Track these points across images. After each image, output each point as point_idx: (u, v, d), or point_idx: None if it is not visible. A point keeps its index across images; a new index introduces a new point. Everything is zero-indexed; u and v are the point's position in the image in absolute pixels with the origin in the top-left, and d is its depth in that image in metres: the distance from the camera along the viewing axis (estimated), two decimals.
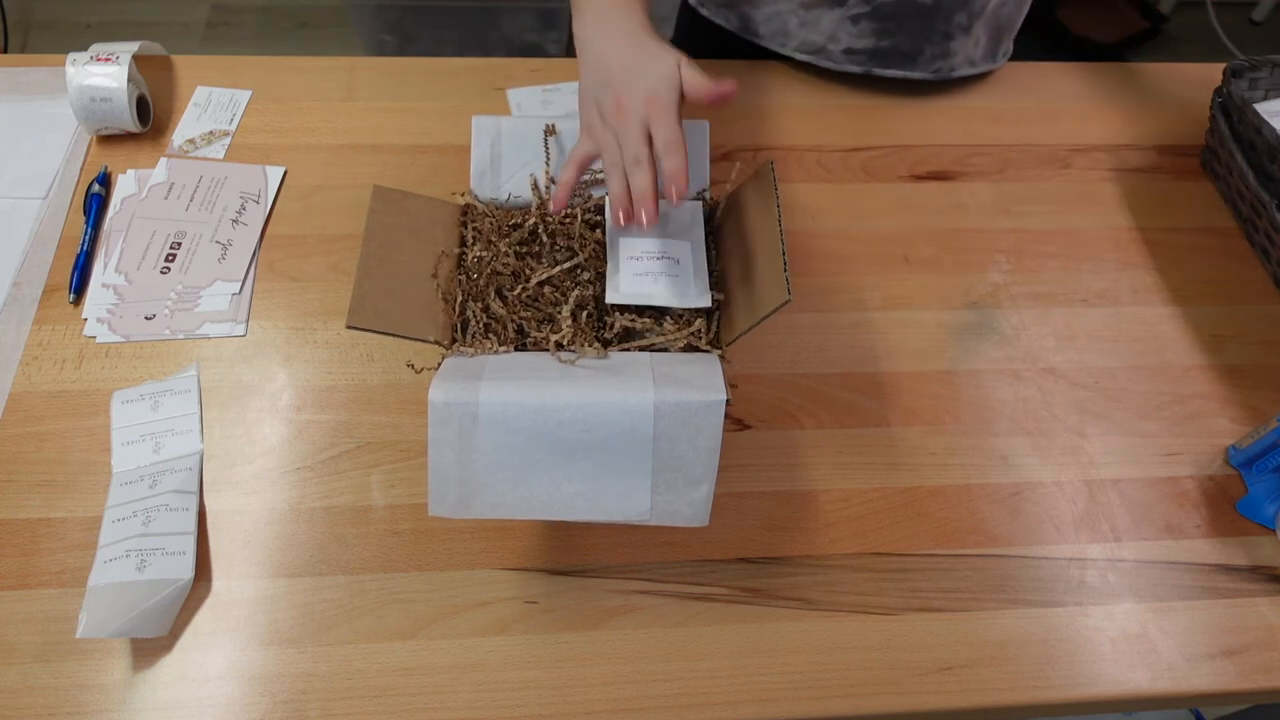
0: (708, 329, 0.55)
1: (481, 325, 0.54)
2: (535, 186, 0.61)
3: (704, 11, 0.87)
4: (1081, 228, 0.75)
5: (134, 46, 0.74)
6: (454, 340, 0.54)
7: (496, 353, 0.52)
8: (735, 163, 0.76)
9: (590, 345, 0.53)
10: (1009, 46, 0.86)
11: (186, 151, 0.73)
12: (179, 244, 0.67)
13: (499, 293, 0.56)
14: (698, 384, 0.47)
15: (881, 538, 0.57)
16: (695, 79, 0.55)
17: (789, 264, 0.49)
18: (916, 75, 0.82)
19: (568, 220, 0.59)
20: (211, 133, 0.75)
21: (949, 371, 0.65)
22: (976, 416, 0.63)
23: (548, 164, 0.62)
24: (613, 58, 0.56)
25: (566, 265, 0.57)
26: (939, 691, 0.52)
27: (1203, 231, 0.76)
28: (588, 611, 0.54)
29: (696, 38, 0.90)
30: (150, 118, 0.75)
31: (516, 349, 0.53)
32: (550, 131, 0.62)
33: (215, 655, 0.51)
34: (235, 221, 0.69)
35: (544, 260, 0.58)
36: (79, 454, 0.57)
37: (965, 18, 0.78)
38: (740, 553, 0.56)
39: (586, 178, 0.61)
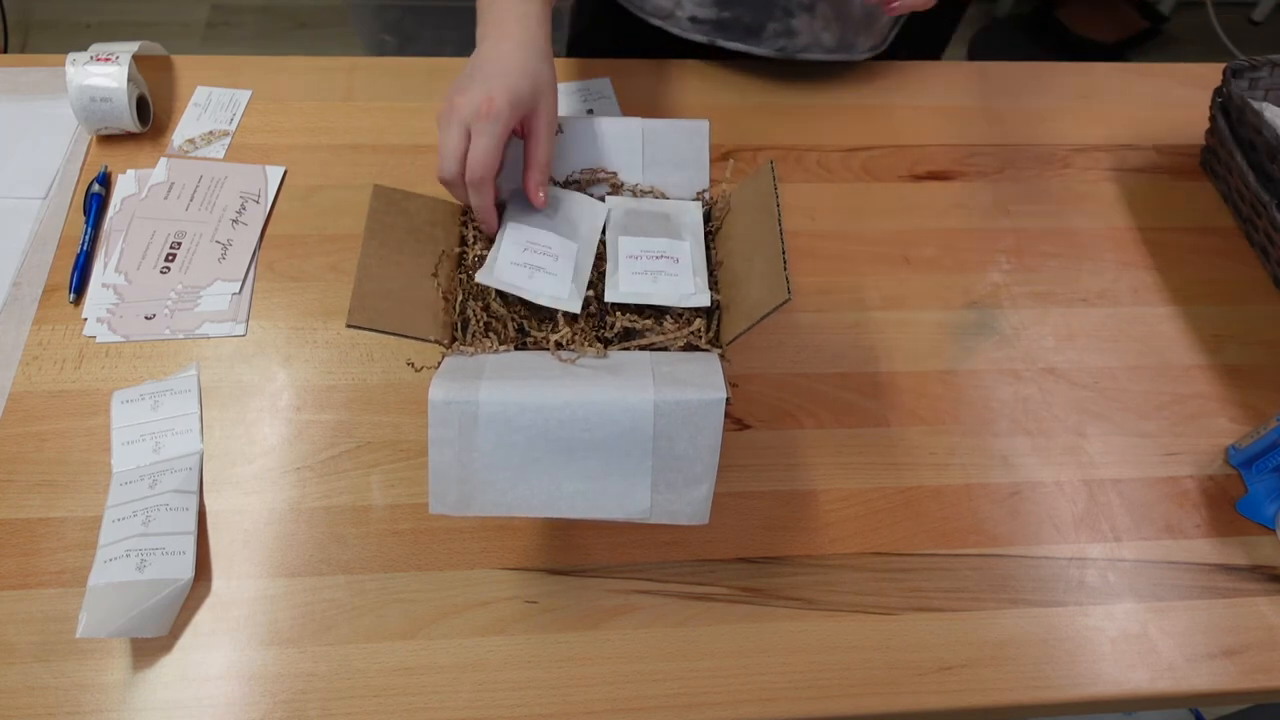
0: (707, 328, 0.55)
1: (481, 324, 0.54)
2: None
3: None
4: (1081, 228, 0.75)
5: (134, 46, 0.74)
6: (454, 339, 0.54)
7: (496, 352, 0.52)
8: (734, 162, 0.76)
9: (590, 345, 0.53)
10: (877, 44, 0.84)
11: (186, 151, 0.73)
12: (179, 244, 0.67)
13: (499, 292, 0.56)
14: (698, 383, 0.47)
15: (881, 538, 0.57)
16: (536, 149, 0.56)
17: (789, 263, 0.49)
18: (760, 51, 0.81)
19: None
20: (211, 133, 0.75)
21: (949, 371, 0.65)
22: (976, 416, 0.63)
23: None
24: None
25: None
26: (939, 691, 0.52)
27: (1203, 231, 0.76)
28: (588, 611, 0.54)
29: (595, 7, 0.89)
30: (150, 118, 0.75)
31: (516, 348, 0.53)
32: None
33: (215, 655, 0.51)
34: (235, 221, 0.69)
35: None
36: (79, 454, 0.57)
37: None
38: (740, 553, 0.56)
39: (587, 177, 0.61)
